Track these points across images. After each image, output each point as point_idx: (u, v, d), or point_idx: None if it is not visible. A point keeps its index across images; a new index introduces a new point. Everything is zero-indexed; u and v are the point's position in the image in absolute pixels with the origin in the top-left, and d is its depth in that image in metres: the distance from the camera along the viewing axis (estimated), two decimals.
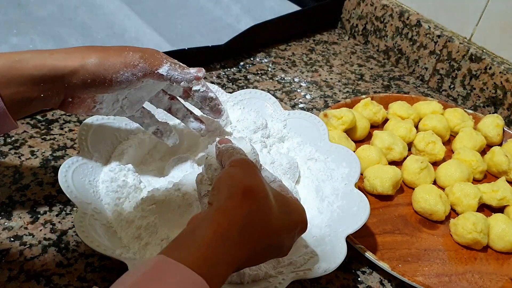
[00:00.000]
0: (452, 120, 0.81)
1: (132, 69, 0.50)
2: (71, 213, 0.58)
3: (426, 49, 0.96)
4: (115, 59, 0.49)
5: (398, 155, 0.74)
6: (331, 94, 0.89)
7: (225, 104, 0.69)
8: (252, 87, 0.87)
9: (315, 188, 0.62)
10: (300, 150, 0.66)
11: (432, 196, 0.65)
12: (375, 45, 1.06)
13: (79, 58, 0.48)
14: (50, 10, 0.96)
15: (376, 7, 1.03)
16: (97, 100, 0.52)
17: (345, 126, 0.75)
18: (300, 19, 1.04)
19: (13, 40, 0.85)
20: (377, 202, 0.68)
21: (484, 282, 0.59)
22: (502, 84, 0.86)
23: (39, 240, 0.55)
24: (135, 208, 0.54)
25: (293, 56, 0.99)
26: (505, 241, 0.62)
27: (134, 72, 0.50)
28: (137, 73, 0.50)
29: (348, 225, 0.54)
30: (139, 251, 0.50)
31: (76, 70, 0.48)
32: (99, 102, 0.52)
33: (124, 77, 0.49)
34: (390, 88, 0.95)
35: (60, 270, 0.52)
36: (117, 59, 0.49)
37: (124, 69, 0.49)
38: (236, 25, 1.01)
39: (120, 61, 0.49)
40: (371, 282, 0.58)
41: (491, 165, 0.75)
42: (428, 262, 0.61)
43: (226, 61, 0.92)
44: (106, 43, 0.89)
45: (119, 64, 0.49)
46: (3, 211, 0.57)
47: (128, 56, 0.50)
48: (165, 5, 1.06)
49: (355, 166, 0.61)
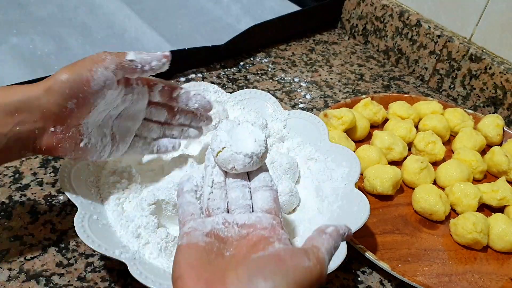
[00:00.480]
0: (452, 120, 0.81)
1: (103, 63, 0.47)
2: (71, 213, 0.58)
3: (426, 49, 0.96)
4: (83, 61, 0.47)
5: (398, 155, 0.74)
6: (331, 94, 0.89)
7: (225, 104, 0.69)
8: (252, 87, 0.87)
9: (315, 188, 0.62)
10: (300, 150, 0.67)
11: (432, 196, 0.65)
12: (375, 45, 1.06)
13: (49, 79, 0.46)
14: (50, 10, 0.96)
15: (376, 7, 1.03)
16: (82, 130, 0.49)
17: (345, 126, 0.75)
18: (300, 19, 1.04)
19: (13, 40, 0.85)
20: (377, 202, 0.68)
21: (484, 282, 0.59)
22: (502, 84, 0.87)
23: (39, 240, 0.55)
24: (135, 208, 0.54)
25: (293, 56, 0.99)
26: (505, 241, 0.62)
27: (106, 65, 0.47)
28: (109, 66, 0.47)
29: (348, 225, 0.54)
30: (138, 250, 0.50)
31: (50, 86, 0.45)
32: (85, 134, 0.49)
33: (99, 73, 0.47)
34: (390, 88, 0.95)
35: (60, 270, 0.52)
36: (84, 60, 0.47)
37: (95, 65, 0.47)
38: (236, 25, 1.01)
39: (88, 60, 0.47)
40: (371, 282, 0.58)
41: (491, 165, 0.75)
42: (428, 262, 0.61)
43: (226, 61, 0.92)
44: (106, 43, 0.89)
45: (88, 62, 0.47)
46: (3, 211, 0.57)
47: (94, 55, 0.48)
48: (165, 5, 1.06)
49: (355, 166, 0.61)
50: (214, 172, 0.48)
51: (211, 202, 0.45)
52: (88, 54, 0.48)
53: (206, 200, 0.46)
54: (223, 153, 0.47)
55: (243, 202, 0.45)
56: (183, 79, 0.86)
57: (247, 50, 0.96)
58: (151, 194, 0.54)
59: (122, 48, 0.89)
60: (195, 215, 0.44)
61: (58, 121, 0.47)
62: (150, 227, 0.52)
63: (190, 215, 0.44)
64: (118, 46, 0.89)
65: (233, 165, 0.46)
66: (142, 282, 0.45)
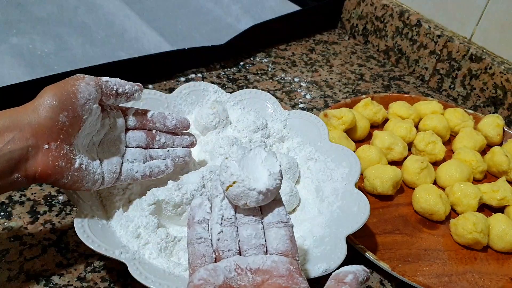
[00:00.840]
0: (452, 120, 0.81)
1: (84, 79, 0.48)
2: (71, 213, 0.58)
3: (426, 49, 0.96)
4: (64, 80, 0.48)
5: (398, 155, 0.74)
6: (331, 94, 0.89)
7: (225, 104, 0.69)
8: (252, 87, 0.87)
9: (315, 188, 0.62)
10: (300, 150, 0.66)
11: (432, 196, 0.65)
12: (375, 45, 1.06)
13: (35, 100, 0.46)
14: (50, 10, 0.96)
15: (376, 7, 1.03)
16: (75, 150, 0.48)
17: (345, 126, 0.75)
18: (300, 19, 1.04)
19: (13, 40, 0.85)
20: (377, 202, 0.68)
21: (484, 282, 0.59)
22: (502, 84, 0.86)
23: (39, 240, 0.55)
24: (135, 208, 0.54)
25: (293, 56, 0.99)
26: (505, 241, 0.62)
27: (86, 81, 0.48)
28: (89, 82, 0.48)
29: (348, 225, 0.54)
30: (138, 251, 0.50)
31: (38, 104, 0.45)
32: (77, 155, 0.48)
33: (82, 87, 0.47)
34: (390, 88, 0.95)
35: (60, 270, 0.52)
36: (66, 80, 0.48)
37: (77, 81, 0.47)
38: (236, 25, 1.01)
39: (69, 79, 0.48)
40: (371, 282, 0.58)
41: (491, 165, 0.75)
42: (428, 262, 0.61)
43: (226, 61, 0.92)
44: (106, 43, 0.89)
45: (70, 80, 0.48)
46: (3, 211, 0.57)
47: (72, 76, 0.49)
48: (165, 5, 1.06)
49: (355, 166, 0.61)
50: (223, 205, 0.44)
51: (221, 243, 0.42)
52: (88, 54, 0.49)
53: (215, 240, 0.42)
54: (234, 188, 0.42)
55: (256, 241, 0.42)
56: (183, 79, 0.86)
57: (247, 50, 0.96)
58: (151, 194, 0.54)
59: (122, 48, 0.89)
60: (206, 258, 0.41)
61: (51, 137, 0.45)
62: (150, 227, 0.52)
63: (200, 258, 0.41)
64: (118, 46, 0.89)
65: (245, 201, 0.42)
66: (142, 282, 0.45)
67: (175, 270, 0.49)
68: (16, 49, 0.83)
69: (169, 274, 0.48)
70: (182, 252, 0.51)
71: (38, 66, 0.80)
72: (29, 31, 0.88)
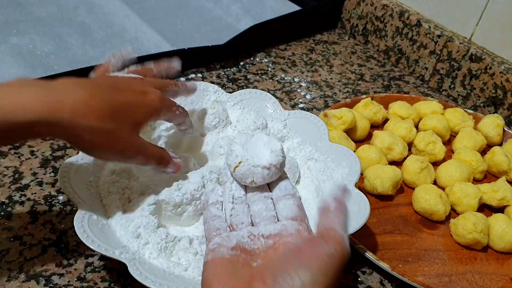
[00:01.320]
0: (452, 120, 0.81)
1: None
2: (71, 213, 0.58)
3: (426, 49, 0.96)
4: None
5: (398, 155, 0.74)
6: (331, 94, 0.89)
7: (225, 104, 0.69)
8: (252, 87, 0.87)
9: (315, 188, 0.62)
10: (300, 150, 0.66)
11: (432, 196, 0.65)
12: (375, 45, 1.06)
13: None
14: (50, 10, 0.96)
15: (376, 7, 1.03)
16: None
17: (345, 126, 0.75)
18: (300, 19, 1.04)
19: (13, 40, 0.85)
20: (377, 202, 0.68)
21: (484, 282, 0.59)
22: (502, 84, 0.86)
23: (39, 240, 0.55)
24: (135, 208, 0.54)
25: (293, 56, 0.99)
26: (505, 241, 0.62)
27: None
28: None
29: (348, 225, 0.54)
30: (138, 250, 0.50)
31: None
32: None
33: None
34: (390, 88, 0.95)
35: (60, 270, 0.52)
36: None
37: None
38: (236, 25, 1.01)
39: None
40: (371, 282, 0.58)
41: (491, 165, 0.75)
42: (428, 262, 0.61)
43: (226, 61, 0.92)
44: (106, 43, 0.89)
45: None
46: (3, 211, 0.57)
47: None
48: (165, 5, 1.06)
49: (355, 166, 0.61)
50: (233, 187, 0.47)
51: (234, 218, 0.44)
52: (88, 54, 0.49)
53: (228, 216, 0.45)
54: (240, 168, 0.46)
55: (267, 213, 0.44)
56: (183, 79, 0.85)
57: (247, 50, 0.96)
58: (151, 194, 0.54)
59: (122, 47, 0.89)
60: (220, 230, 0.43)
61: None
62: (150, 227, 0.52)
63: (215, 230, 0.43)
64: (118, 46, 0.89)
65: (252, 178, 0.46)
66: (142, 282, 0.45)
67: (175, 270, 0.49)
68: (16, 49, 0.83)
69: (169, 274, 0.48)
70: (182, 252, 0.51)
71: (38, 66, 0.80)
72: (29, 31, 0.88)
